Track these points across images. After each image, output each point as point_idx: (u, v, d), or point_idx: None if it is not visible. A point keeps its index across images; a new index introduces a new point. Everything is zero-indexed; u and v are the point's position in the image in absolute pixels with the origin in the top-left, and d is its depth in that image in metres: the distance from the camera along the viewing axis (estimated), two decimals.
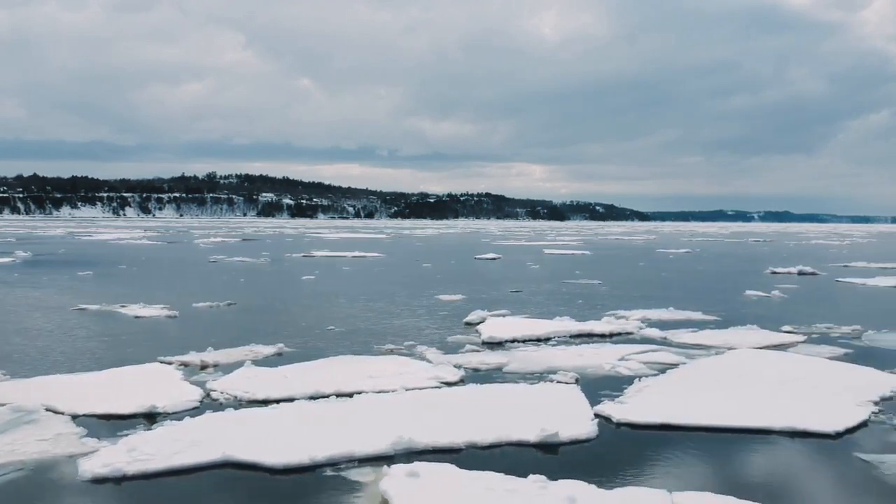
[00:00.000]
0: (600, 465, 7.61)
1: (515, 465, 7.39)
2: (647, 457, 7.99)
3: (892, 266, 40.72)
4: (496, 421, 8.68)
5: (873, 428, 8.99)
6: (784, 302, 22.95)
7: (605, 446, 8.30)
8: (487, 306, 19.93)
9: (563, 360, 12.65)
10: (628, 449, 8.27)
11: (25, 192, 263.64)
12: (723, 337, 15.40)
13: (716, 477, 7.36)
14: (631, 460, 7.84)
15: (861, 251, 61.39)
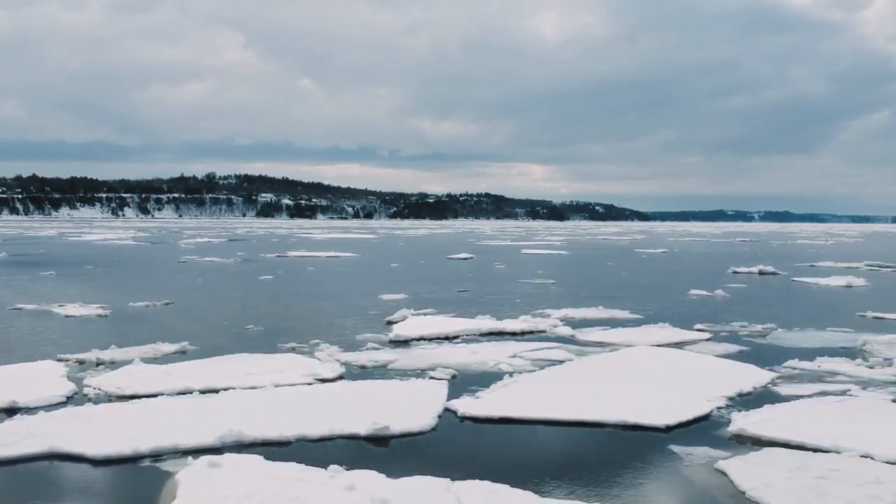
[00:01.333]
0: (416, 456, 7.94)
1: (334, 456, 7.70)
2: (466, 448, 8.33)
3: (856, 265, 40.96)
4: (335, 415, 8.99)
5: (706, 423, 9.29)
6: (722, 301, 23.23)
7: (434, 439, 8.62)
8: (422, 305, 20.26)
9: (452, 357, 12.97)
10: (454, 441, 8.60)
11: (24, 193, 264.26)
12: (628, 335, 15.70)
13: (517, 467, 7.66)
14: (449, 451, 8.17)
15: (838, 251, 61.59)
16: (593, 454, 8.26)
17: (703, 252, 59.71)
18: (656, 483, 7.24)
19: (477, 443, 8.59)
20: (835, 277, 31.87)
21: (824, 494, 6.75)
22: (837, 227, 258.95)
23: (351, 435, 8.53)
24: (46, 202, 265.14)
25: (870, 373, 12.17)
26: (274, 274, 32.07)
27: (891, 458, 7.72)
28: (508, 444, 8.56)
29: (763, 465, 7.51)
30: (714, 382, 11.15)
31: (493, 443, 8.58)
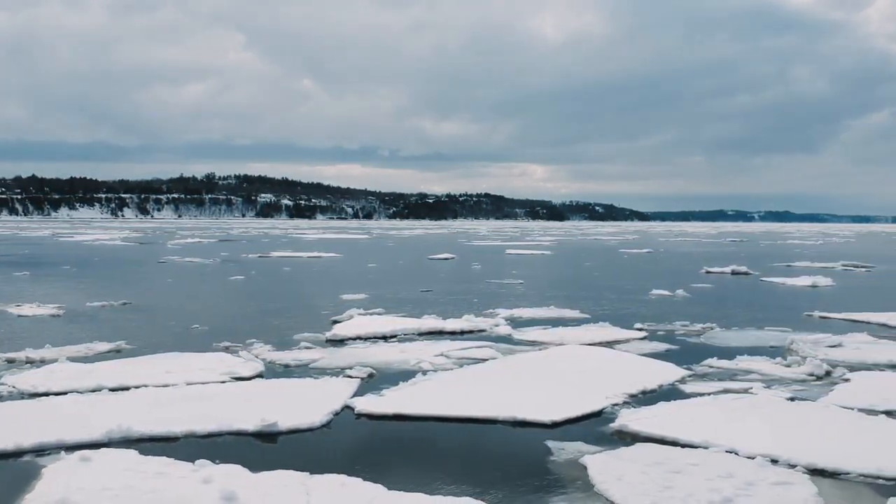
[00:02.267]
0: (295, 452, 8.18)
1: (214, 452, 7.94)
2: (349, 444, 8.59)
3: (832, 265, 41.16)
4: (230, 412, 9.24)
5: (595, 419, 9.50)
6: (679, 301, 23.44)
7: (321, 435, 8.86)
8: (378, 305, 20.49)
9: (377, 356, 13.22)
10: (340, 437, 8.85)
11: (24, 194, 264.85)
12: (564, 334, 15.93)
13: (389, 462, 7.91)
14: (330, 447, 8.44)
15: (823, 251, 61.77)
16: (468, 449, 8.51)
17: (686, 252, 59.89)
18: (514, 477, 7.46)
19: (361, 439, 8.84)
20: (803, 277, 32.07)
21: (668, 487, 6.97)
22: (835, 227, 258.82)
23: (239, 431, 8.77)
24: (46, 203, 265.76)
25: (783, 371, 12.39)
26: (246, 274, 32.33)
27: (752, 453, 7.94)
28: (392, 440, 8.81)
29: (623, 460, 7.73)
30: (623, 380, 11.37)
31: (377, 439, 8.82)
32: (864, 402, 10.24)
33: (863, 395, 10.69)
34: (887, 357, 13.51)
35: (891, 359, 13.42)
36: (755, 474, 7.33)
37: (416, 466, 7.78)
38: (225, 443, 8.50)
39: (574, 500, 6.83)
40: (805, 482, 7.19)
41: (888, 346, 14.58)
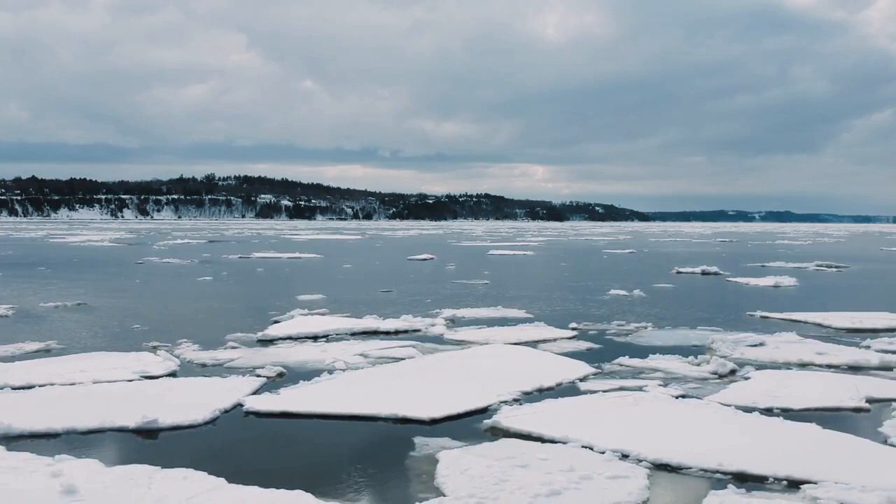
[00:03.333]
0: (171, 448, 8.44)
1: (84, 448, 8.20)
2: (221, 441, 8.83)
3: (805, 265, 41.32)
4: (117, 409, 9.49)
5: (476, 416, 9.72)
6: (631, 301, 23.62)
7: (201, 432, 9.11)
8: (332, 305, 20.78)
9: (295, 356, 13.49)
10: (218, 433, 9.10)
11: (23, 195, 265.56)
12: (495, 334, 16.16)
13: (256, 457, 8.18)
14: (202, 444, 8.68)
15: (806, 251, 61.94)
16: (335, 446, 8.77)
17: (670, 252, 60.04)
18: (365, 471, 7.71)
19: (237, 435, 9.09)
20: (769, 277, 32.25)
21: (504, 481, 7.21)
22: (833, 227, 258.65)
23: (120, 428, 9.02)
24: (45, 204, 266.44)
25: (688, 370, 12.61)
26: (216, 275, 32.59)
27: (606, 448, 8.18)
28: (266, 437, 9.08)
29: (476, 455, 7.97)
30: (525, 378, 11.60)
31: (254, 436, 9.09)
32: (749, 400, 10.48)
33: (752, 393, 10.93)
34: (799, 356, 13.72)
35: (801, 358, 13.62)
36: (596, 468, 7.57)
37: (275, 462, 8.05)
38: (100, 439, 8.74)
39: (409, 492, 7.07)
40: (641, 476, 7.42)
41: (807, 346, 14.78)
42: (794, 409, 10.16)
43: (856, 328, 17.53)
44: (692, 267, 37.90)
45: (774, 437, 8.66)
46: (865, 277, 35.53)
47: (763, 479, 7.45)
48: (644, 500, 6.90)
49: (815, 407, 10.31)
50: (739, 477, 7.53)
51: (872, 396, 10.77)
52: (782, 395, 10.75)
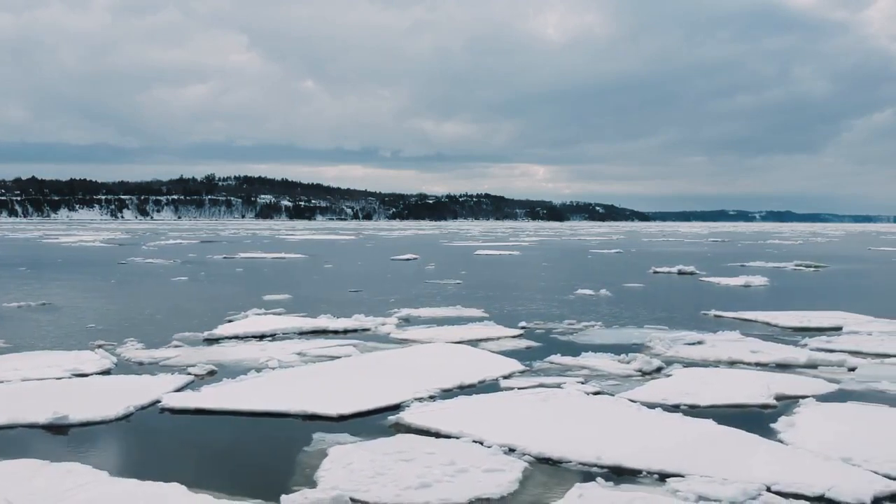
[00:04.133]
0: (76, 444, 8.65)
1: None
2: (128, 436, 9.06)
3: (783, 265, 41.47)
4: (32, 405, 9.71)
5: (385, 413, 9.91)
6: (594, 300, 23.80)
7: (111, 428, 9.32)
8: (294, 305, 20.99)
9: (233, 355, 13.71)
10: (126, 429, 9.31)
11: (23, 195, 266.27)
12: (441, 333, 16.34)
13: (158, 452, 8.40)
14: (109, 439, 8.90)
15: (792, 251, 62.09)
16: (234, 442, 8.98)
17: (656, 251, 60.17)
18: (252, 465, 7.95)
19: (145, 431, 9.31)
20: (741, 277, 32.44)
21: (381, 474, 7.42)
22: (832, 226, 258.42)
23: (30, 424, 9.24)
24: (45, 204, 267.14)
25: (615, 367, 12.81)
26: (192, 275, 32.84)
27: (495, 442, 8.39)
28: (173, 432, 9.32)
29: (366, 450, 8.17)
30: (449, 376, 11.80)
31: (162, 431, 9.32)
32: (659, 397, 10.68)
33: (665, 390, 11.13)
34: (730, 355, 13.92)
35: (732, 356, 13.82)
36: (476, 462, 7.78)
37: (167, 457, 8.28)
38: (5, 435, 8.95)
39: (284, 485, 7.27)
40: (517, 469, 7.63)
41: (743, 344, 14.95)
42: (700, 406, 10.36)
43: (802, 327, 17.72)
44: (669, 267, 38.06)
45: (665, 433, 8.86)
46: (838, 277, 35.69)
47: (636, 472, 7.64)
48: (511, 492, 7.10)
49: (722, 404, 10.50)
50: (615, 470, 7.73)
51: (783, 393, 10.96)
52: (695, 393, 10.94)
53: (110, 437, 9.06)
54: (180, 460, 8.14)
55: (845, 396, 10.95)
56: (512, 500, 7.00)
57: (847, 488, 7.05)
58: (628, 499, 6.80)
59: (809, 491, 7.07)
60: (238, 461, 8.06)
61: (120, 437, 9.06)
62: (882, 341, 15.37)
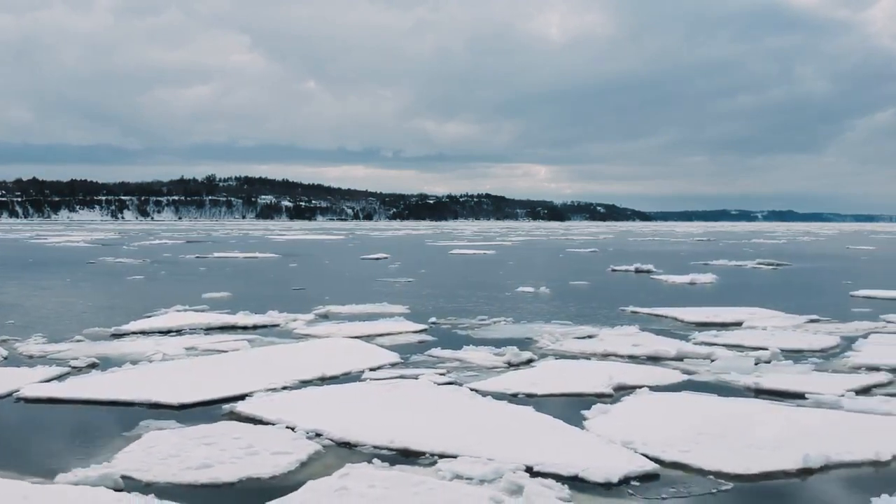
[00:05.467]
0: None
1: None
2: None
3: (744, 264, 41.76)
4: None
5: (227, 402, 10.31)
6: (526, 297, 24.17)
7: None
8: (234, 303, 21.30)
9: (124, 349, 14.17)
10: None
11: (23, 196, 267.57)
12: (344, 329, 16.77)
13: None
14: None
15: (768, 250, 62.38)
16: (69, 429, 9.39)
17: (633, 251, 60.42)
18: (64, 449, 8.38)
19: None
20: (692, 275, 32.72)
21: (174, 456, 7.84)
22: (830, 226, 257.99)
23: None
24: (45, 205, 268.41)
25: (486, 360, 13.21)
26: (149, 274, 33.37)
27: (312, 429, 8.81)
28: (15, 420, 9.75)
29: (181, 436, 8.58)
30: (317, 368, 12.18)
31: (10, 419, 9.76)
32: (503, 387, 11.13)
33: (515, 380, 11.58)
34: (607, 347, 14.28)
35: (609, 349, 14.20)
36: (272, 445, 8.21)
37: (19, 445, 8.72)
38: None
39: (74, 467, 7.68)
40: (306, 451, 8.08)
41: (631, 339, 15.32)
42: (537, 395, 10.77)
43: (705, 322, 18.13)
44: (628, 265, 38.41)
45: (476, 419, 9.27)
46: (788, 275, 36.00)
47: (419, 454, 8.07)
48: (285, 472, 7.52)
49: (560, 392, 10.91)
50: (402, 452, 8.17)
51: (626, 384, 11.35)
52: (541, 382, 11.36)
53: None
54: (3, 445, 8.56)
55: (682, 387, 11.35)
56: (282, 478, 7.42)
57: (602, 469, 7.45)
58: (384, 476, 7.22)
59: (566, 471, 7.47)
60: (48, 446, 8.50)
61: None
62: (769, 336, 15.77)
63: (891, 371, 12.38)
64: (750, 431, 8.78)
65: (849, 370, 12.65)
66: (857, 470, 7.78)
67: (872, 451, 8.07)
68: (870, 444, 8.25)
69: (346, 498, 6.71)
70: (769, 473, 7.61)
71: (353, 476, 7.24)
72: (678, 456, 7.99)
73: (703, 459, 7.87)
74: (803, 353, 14.09)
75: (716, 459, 7.86)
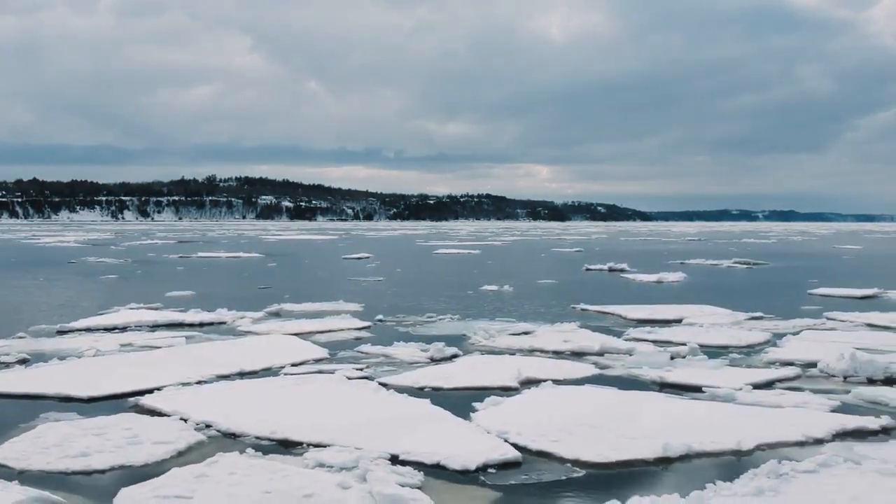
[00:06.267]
0: None
1: None
2: None
3: (719, 263, 41.97)
4: None
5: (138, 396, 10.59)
6: (489, 296, 24.39)
7: None
8: (196, 301, 21.60)
9: (60, 345, 14.41)
10: None
11: (24, 197, 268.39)
12: (288, 326, 17.02)
13: None
14: None
15: (748, 250, 62.53)
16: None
17: (620, 250, 60.63)
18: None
19: None
20: (662, 273, 32.96)
21: (58, 445, 8.12)
22: (828, 225, 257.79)
23: None
24: (46, 206, 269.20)
25: (411, 355, 13.47)
26: (122, 274, 33.68)
27: (199, 419, 9.08)
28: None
29: (73, 426, 8.85)
30: (238, 364, 12.47)
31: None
32: (411, 381, 11.42)
33: (427, 375, 11.82)
34: (533, 343, 14.59)
35: (534, 345, 14.49)
36: (157, 436, 8.48)
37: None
38: None
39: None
40: (186, 441, 8.35)
41: (565, 335, 15.50)
42: (444, 388, 11.06)
43: (646, 319, 18.39)
44: (602, 264, 38.65)
45: (370, 411, 9.52)
46: (760, 274, 36.22)
47: (296, 444, 8.35)
48: (158, 461, 7.79)
49: (465, 386, 11.16)
50: (282, 442, 8.45)
51: (534, 378, 11.59)
52: (450, 377, 11.62)
53: None
54: None
55: (589, 381, 11.61)
56: (154, 466, 7.68)
57: (463, 457, 7.71)
58: (249, 464, 7.49)
59: (429, 459, 7.74)
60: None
61: None
62: (701, 333, 16.06)
63: (803, 366, 12.63)
64: (628, 422, 9.03)
65: (762, 365, 12.87)
66: (713, 459, 8.02)
67: (735, 441, 8.32)
68: (736, 434, 8.50)
69: (203, 483, 6.98)
70: (627, 462, 7.86)
71: (220, 464, 7.50)
72: (546, 445, 8.24)
73: (568, 448, 8.12)
74: (728, 349, 14.35)
75: (580, 448, 8.11)
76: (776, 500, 6.68)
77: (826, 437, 8.61)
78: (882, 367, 11.70)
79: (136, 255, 48.80)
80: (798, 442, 8.47)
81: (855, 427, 9.00)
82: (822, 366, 12.29)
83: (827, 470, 7.42)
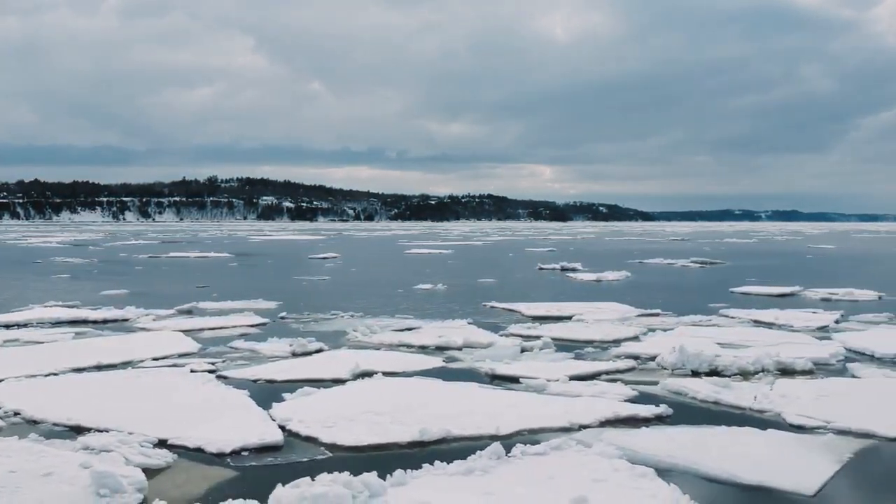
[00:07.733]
0: None
1: None
2: None
3: (675, 262, 42.33)
4: None
5: None
6: (419, 295, 24.83)
7: None
8: (129, 299, 22.11)
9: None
10: None
11: (25, 198, 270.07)
12: (184, 323, 17.58)
13: None
14: None
15: (721, 250, 62.83)
16: None
17: (592, 250, 61.03)
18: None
19: None
20: (605, 272, 33.36)
21: None
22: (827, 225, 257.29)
23: None
24: (47, 206, 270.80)
25: (275, 350, 13.99)
26: (76, 273, 34.27)
27: (15, 409, 9.60)
28: None
29: None
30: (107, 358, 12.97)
31: None
32: (268, 374, 11.90)
33: (278, 369, 12.36)
34: (401, 339, 15.11)
35: (404, 340, 15.02)
36: None
37: None
38: None
39: None
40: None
41: (442, 330, 16.00)
42: (276, 381, 11.52)
43: (541, 315, 18.93)
44: (555, 263, 39.10)
45: (177, 401, 10.03)
46: (705, 273, 36.65)
47: (82, 429, 8.83)
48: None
49: (299, 378, 11.60)
50: (74, 428, 8.93)
51: (370, 370, 12.02)
52: (293, 370, 12.14)
53: None
54: None
55: (426, 373, 12.04)
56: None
57: (224, 441, 8.21)
58: (19, 447, 8.00)
59: (192, 443, 8.25)
60: None
61: None
62: (576, 328, 16.64)
63: (645, 360, 13.10)
64: (414, 411, 9.48)
65: (608, 359, 13.29)
66: (466, 442, 8.46)
67: (495, 427, 8.78)
68: (501, 420, 8.97)
69: None
70: (378, 445, 8.35)
71: None
72: (316, 431, 8.72)
73: (335, 434, 8.60)
74: (591, 343, 14.81)
75: (346, 434, 8.60)
76: (481, 479, 7.14)
77: (592, 424, 9.05)
78: (707, 361, 12.14)
79: (107, 256, 49.45)
80: (562, 428, 8.90)
81: (628, 415, 9.45)
82: (659, 359, 12.74)
83: (556, 452, 7.89)
